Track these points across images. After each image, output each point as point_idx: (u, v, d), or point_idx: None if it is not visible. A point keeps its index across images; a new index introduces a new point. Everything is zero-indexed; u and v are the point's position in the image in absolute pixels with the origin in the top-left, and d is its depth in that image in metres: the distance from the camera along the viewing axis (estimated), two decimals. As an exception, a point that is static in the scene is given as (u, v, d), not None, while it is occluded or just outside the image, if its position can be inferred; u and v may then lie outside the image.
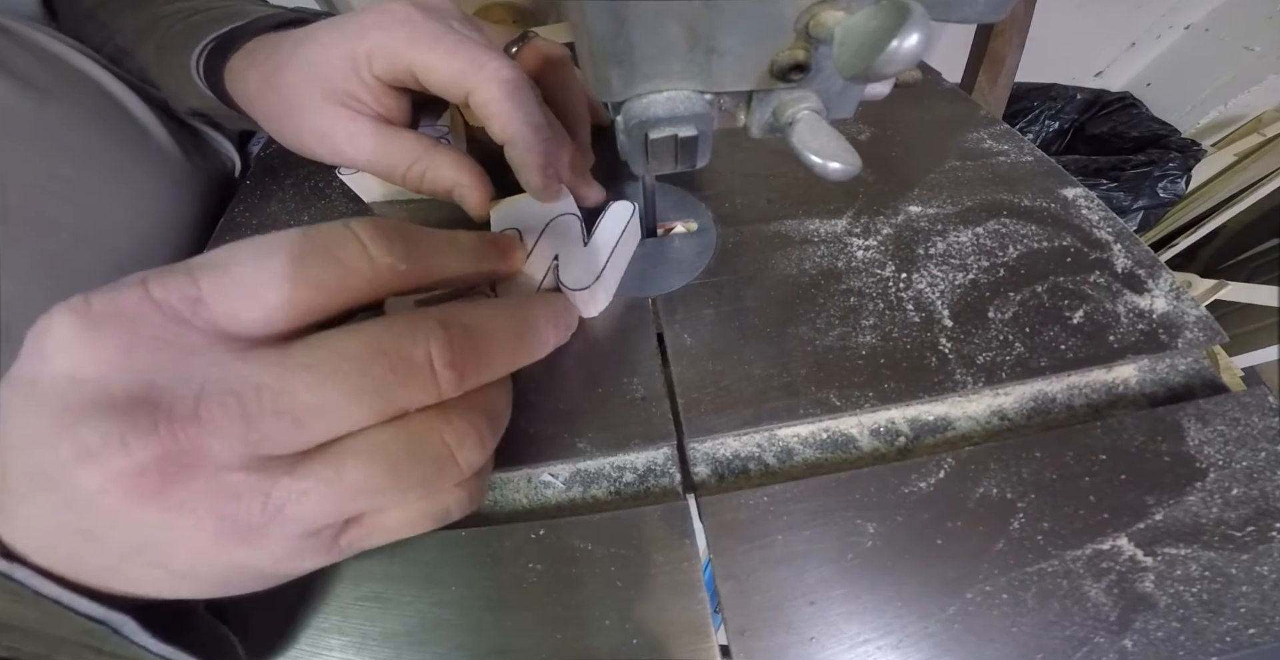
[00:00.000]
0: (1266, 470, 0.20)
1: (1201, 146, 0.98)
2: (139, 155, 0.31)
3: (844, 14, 0.14)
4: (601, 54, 0.16)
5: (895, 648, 0.18)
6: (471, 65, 0.21)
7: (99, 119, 0.30)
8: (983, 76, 0.70)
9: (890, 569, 0.19)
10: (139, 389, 0.12)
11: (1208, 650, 0.18)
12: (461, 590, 0.19)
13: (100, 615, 0.12)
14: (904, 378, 0.23)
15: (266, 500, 0.12)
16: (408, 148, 0.25)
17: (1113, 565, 0.19)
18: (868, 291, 0.26)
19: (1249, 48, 0.96)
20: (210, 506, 0.12)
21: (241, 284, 0.13)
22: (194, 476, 0.12)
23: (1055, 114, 1.12)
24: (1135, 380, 0.24)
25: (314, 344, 0.13)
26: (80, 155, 0.28)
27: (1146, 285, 0.25)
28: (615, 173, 0.31)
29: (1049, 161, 0.31)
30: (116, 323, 0.12)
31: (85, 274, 0.27)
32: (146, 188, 0.31)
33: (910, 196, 0.30)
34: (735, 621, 0.18)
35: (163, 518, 0.12)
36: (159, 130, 0.32)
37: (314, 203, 0.32)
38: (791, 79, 0.17)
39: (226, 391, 0.12)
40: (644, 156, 0.19)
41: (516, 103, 0.22)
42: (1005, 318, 0.24)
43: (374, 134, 0.24)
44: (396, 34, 0.22)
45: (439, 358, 0.14)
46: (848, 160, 0.16)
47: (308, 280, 0.14)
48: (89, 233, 0.27)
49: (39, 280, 0.25)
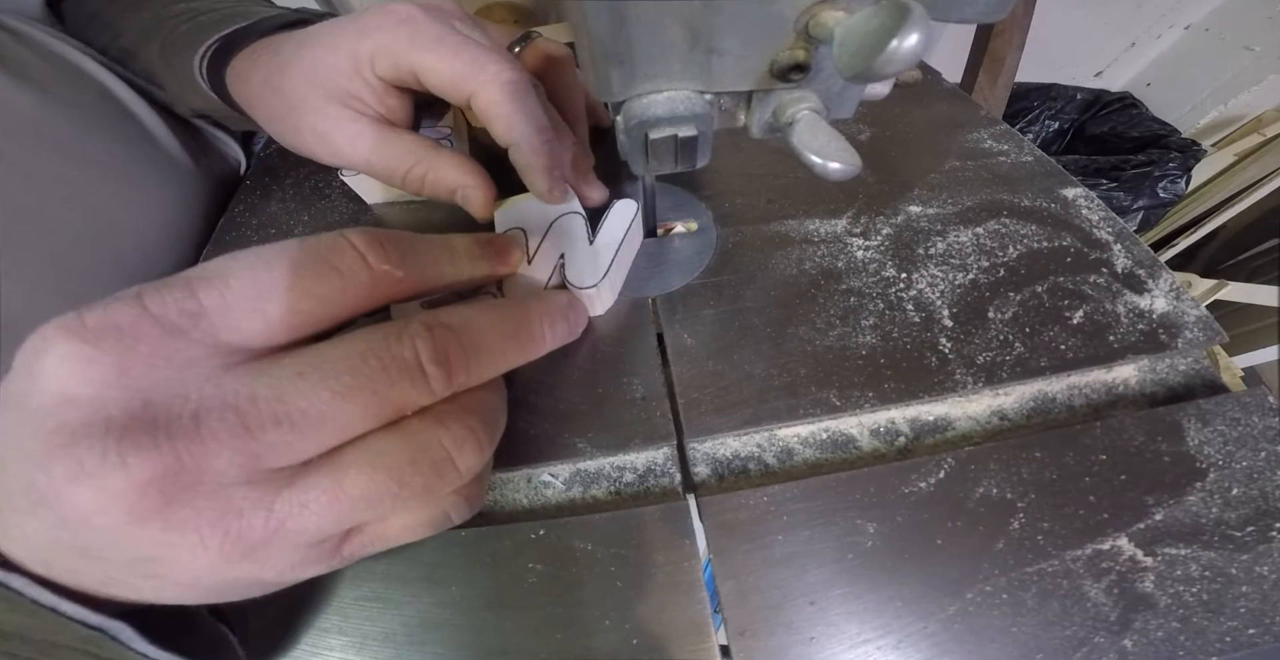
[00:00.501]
0: (1266, 470, 0.20)
1: (1201, 146, 0.98)
2: (142, 156, 0.31)
3: (844, 14, 0.14)
4: (602, 54, 0.16)
5: (895, 648, 0.18)
6: (473, 67, 0.21)
7: (102, 120, 0.30)
8: (983, 76, 0.70)
9: (890, 569, 0.19)
10: (137, 407, 0.12)
11: (1208, 650, 0.18)
12: (461, 590, 0.19)
13: (97, 623, 0.12)
14: (904, 378, 0.23)
15: (269, 514, 0.12)
16: (408, 150, 0.24)
17: (1113, 565, 0.19)
18: (868, 291, 0.26)
19: (1249, 48, 0.96)
20: (213, 523, 0.12)
21: (243, 297, 0.13)
22: (196, 494, 0.12)
23: (1055, 114, 1.12)
24: (1135, 380, 0.24)
25: (307, 353, 0.13)
26: (83, 156, 0.28)
27: (1146, 285, 0.25)
28: (615, 173, 0.31)
29: (1049, 161, 0.31)
30: (112, 339, 0.12)
31: (87, 274, 0.27)
32: (149, 188, 0.31)
33: (910, 196, 0.30)
34: (735, 621, 0.18)
35: (165, 536, 0.12)
36: (162, 131, 0.33)
37: (314, 203, 0.32)
38: (791, 79, 0.17)
39: (224, 406, 0.12)
40: (644, 156, 0.19)
41: (519, 105, 0.22)
42: (1005, 318, 0.24)
43: (374, 135, 0.24)
44: (399, 34, 0.22)
45: (425, 356, 0.14)
46: (848, 160, 0.16)
47: (308, 291, 0.14)
48: (91, 233, 0.27)
49: (40, 281, 0.25)
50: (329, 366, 0.13)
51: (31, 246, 0.25)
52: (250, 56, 0.26)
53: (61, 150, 0.27)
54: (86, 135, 0.28)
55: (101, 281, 0.27)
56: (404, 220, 0.31)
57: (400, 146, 0.24)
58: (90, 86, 0.30)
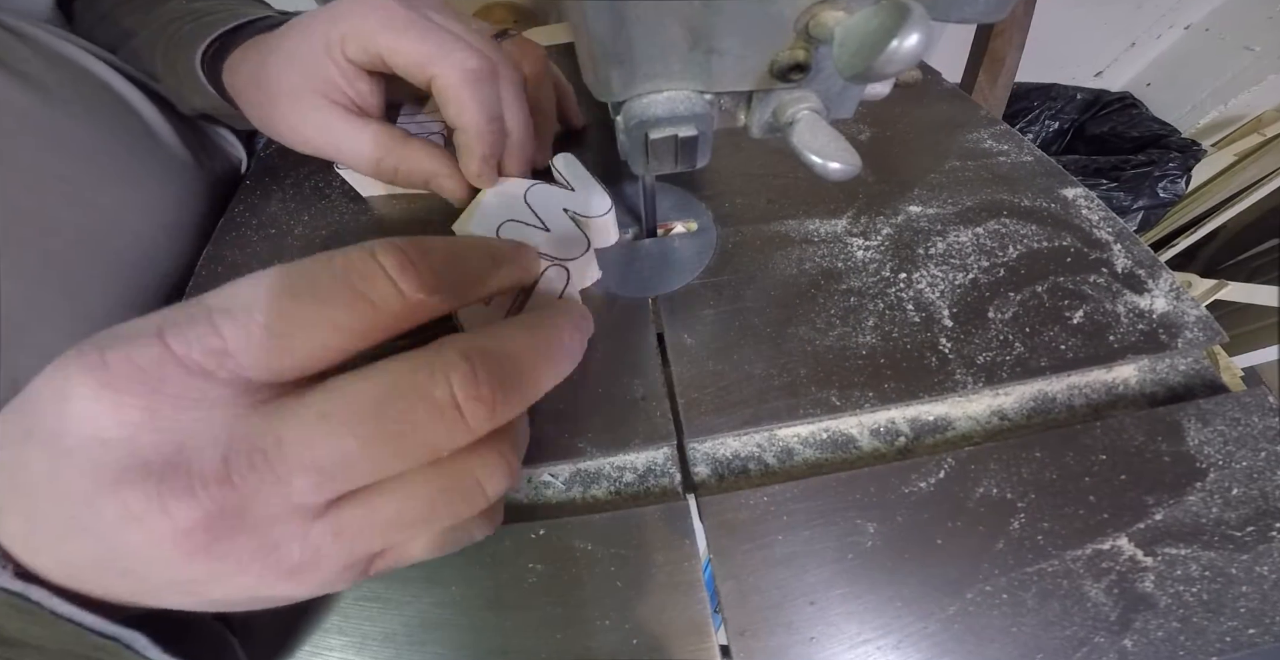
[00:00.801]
0: (1266, 470, 0.20)
1: (1201, 146, 0.98)
2: (146, 156, 0.31)
3: (844, 14, 0.14)
4: (602, 54, 0.16)
5: (895, 648, 0.18)
6: (439, 50, 0.22)
7: (107, 120, 0.30)
8: (983, 76, 0.70)
9: (890, 569, 0.19)
10: (169, 450, 0.12)
11: (1208, 650, 0.18)
12: (461, 590, 0.19)
13: (114, 633, 0.12)
14: (904, 378, 0.23)
15: (304, 544, 0.13)
16: (376, 140, 0.25)
17: (1113, 565, 0.19)
18: (868, 291, 0.26)
19: (1249, 48, 0.96)
20: (253, 554, 0.12)
21: (269, 333, 0.12)
22: (237, 532, 0.12)
23: (1055, 114, 1.12)
24: (1135, 380, 0.24)
25: (332, 390, 0.13)
26: (86, 156, 0.28)
27: (1146, 285, 0.25)
28: (615, 172, 0.31)
29: (1049, 161, 0.31)
30: (137, 381, 0.12)
31: (88, 274, 0.27)
32: (152, 188, 0.31)
33: (910, 196, 0.30)
34: (735, 621, 0.18)
35: (209, 566, 0.12)
36: (167, 131, 0.33)
37: (314, 203, 0.32)
38: (791, 79, 0.17)
39: (253, 449, 0.12)
40: (644, 156, 0.19)
41: (474, 91, 0.23)
42: (1005, 318, 0.24)
43: (343, 122, 0.25)
44: (369, 19, 0.23)
45: (462, 392, 0.13)
46: (848, 160, 0.16)
47: (338, 326, 0.13)
48: (93, 232, 0.27)
49: (41, 280, 0.25)
50: (352, 410, 0.12)
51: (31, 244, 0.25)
52: (243, 52, 0.27)
53: (64, 150, 0.27)
54: (90, 136, 0.28)
55: (101, 281, 0.27)
56: (405, 214, 0.31)
57: (367, 133, 0.25)
58: (95, 87, 0.30)
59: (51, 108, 0.27)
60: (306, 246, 0.30)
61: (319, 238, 0.30)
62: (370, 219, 0.31)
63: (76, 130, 0.28)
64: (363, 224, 0.31)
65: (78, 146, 0.28)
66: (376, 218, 0.31)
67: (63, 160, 0.27)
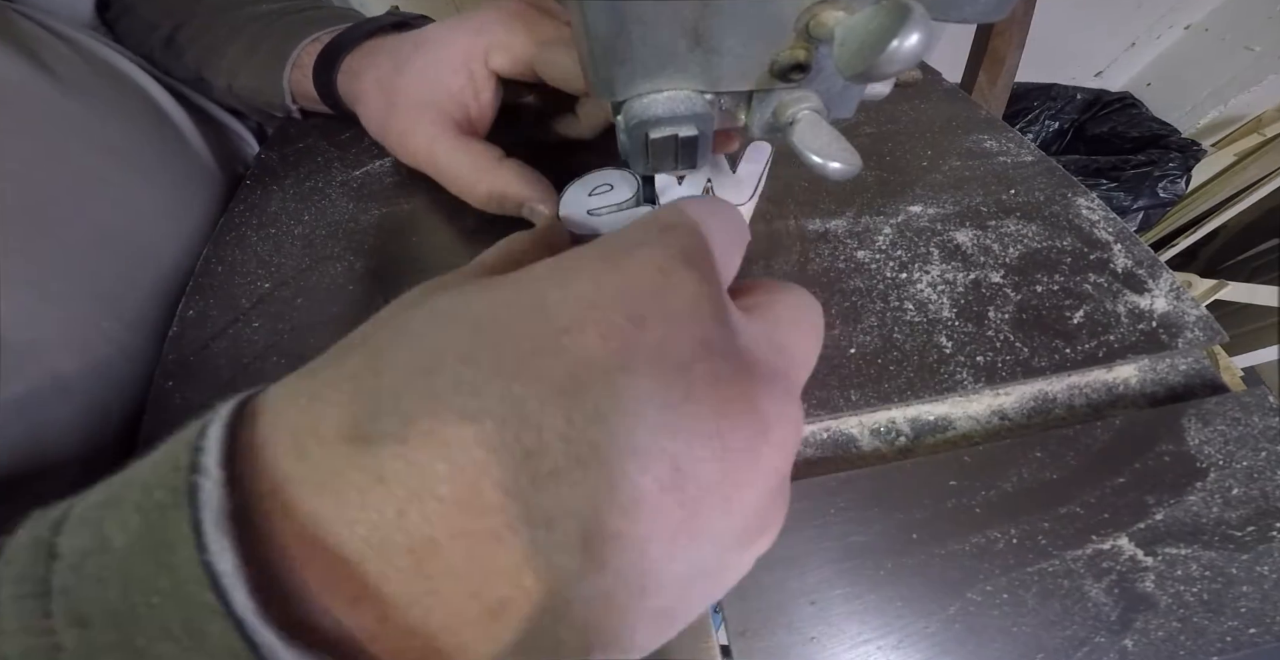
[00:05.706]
0: (1267, 470, 0.20)
1: (1201, 146, 0.98)
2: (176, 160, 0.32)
3: (844, 14, 0.14)
4: (602, 54, 0.16)
5: (896, 647, 0.18)
6: None
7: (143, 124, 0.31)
8: (983, 76, 0.70)
9: (891, 569, 0.19)
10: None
11: (1208, 650, 0.18)
12: (462, 590, 0.19)
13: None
14: (904, 377, 0.23)
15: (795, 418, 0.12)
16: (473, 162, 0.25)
17: (1113, 565, 0.19)
18: (868, 291, 0.26)
19: (1249, 48, 0.96)
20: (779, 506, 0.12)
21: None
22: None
23: (1055, 114, 1.12)
24: (1135, 380, 0.24)
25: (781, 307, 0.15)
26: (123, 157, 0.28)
27: (1147, 285, 0.25)
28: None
29: (1049, 161, 0.31)
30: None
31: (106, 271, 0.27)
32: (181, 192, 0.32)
33: (910, 196, 0.30)
34: (735, 621, 0.18)
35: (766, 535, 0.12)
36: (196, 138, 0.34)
37: (314, 203, 0.32)
38: (792, 79, 0.17)
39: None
40: (644, 156, 0.19)
41: None
42: (1005, 318, 0.24)
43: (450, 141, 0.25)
44: (514, 28, 0.23)
45: None
46: (848, 160, 0.16)
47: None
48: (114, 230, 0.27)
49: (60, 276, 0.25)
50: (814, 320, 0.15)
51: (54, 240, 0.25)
52: (366, 55, 0.28)
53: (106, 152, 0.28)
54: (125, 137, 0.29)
55: (114, 277, 0.27)
56: (407, 214, 0.31)
57: (469, 155, 0.25)
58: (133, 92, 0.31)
59: (91, 109, 0.28)
60: (307, 246, 0.30)
61: (319, 238, 0.30)
62: (370, 218, 0.31)
63: (113, 132, 0.29)
64: (363, 223, 0.31)
65: (115, 147, 0.28)
66: (377, 218, 0.31)
67: (104, 160, 0.27)
